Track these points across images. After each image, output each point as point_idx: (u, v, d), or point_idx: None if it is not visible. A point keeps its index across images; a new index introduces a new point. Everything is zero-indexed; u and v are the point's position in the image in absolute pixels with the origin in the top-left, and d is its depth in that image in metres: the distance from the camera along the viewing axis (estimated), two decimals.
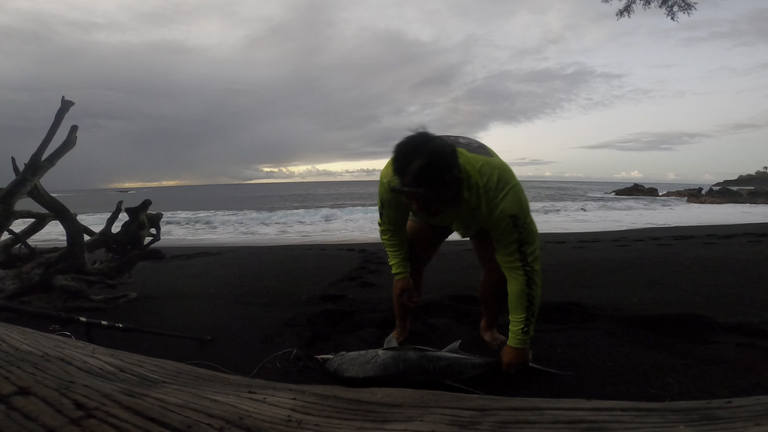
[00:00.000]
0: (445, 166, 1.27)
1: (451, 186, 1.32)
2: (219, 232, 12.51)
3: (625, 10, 6.30)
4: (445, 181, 1.28)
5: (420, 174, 1.24)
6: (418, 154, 1.24)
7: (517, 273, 1.44)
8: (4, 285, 2.36)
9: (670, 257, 4.01)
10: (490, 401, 0.59)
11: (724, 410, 0.49)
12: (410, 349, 1.52)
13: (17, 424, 0.45)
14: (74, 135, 2.76)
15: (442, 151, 1.26)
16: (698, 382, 1.43)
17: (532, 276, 1.43)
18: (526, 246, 1.42)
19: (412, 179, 1.25)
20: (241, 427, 0.48)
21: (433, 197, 1.31)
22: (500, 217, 1.39)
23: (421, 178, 1.25)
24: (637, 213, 16.13)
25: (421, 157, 1.23)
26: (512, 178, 1.43)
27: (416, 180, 1.25)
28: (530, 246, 1.42)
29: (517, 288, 1.44)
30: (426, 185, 1.26)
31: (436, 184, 1.27)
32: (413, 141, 1.27)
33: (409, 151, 1.26)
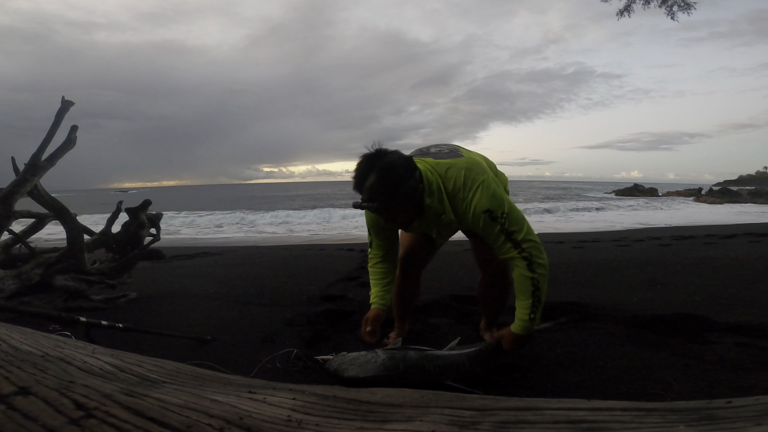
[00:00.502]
0: (399, 179, 1.31)
1: (408, 196, 1.35)
2: (219, 232, 12.51)
3: (625, 10, 6.30)
4: (400, 193, 1.32)
5: (374, 189, 1.30)
6: (371, 170, 1.30)
7: (516, 260, 1.42)
8: (4, 285, 2.36)
9: (670, 257, 4.01)
10: (490, 401, 0.59)
11: (724, 410, 0.49)
12: (410, 349, 1.52)
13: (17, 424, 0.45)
14: (74, 135, 2.76)
15: (394, 165, 1.31)
16: (698, 382, 1.43)
17: (532, 259, 1.39)
18: (515, 233, 1.40)
19: (367, 195, 1.31)
20: (241, 427, 0.48)
21: (393, 209, 1.35)
22: (476, 216, 1.40)
23: (376, 193, 1.30)
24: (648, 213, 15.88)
25: (375, 172, 1.30)
26: (480, 174, 1.43)
27: (371, 195, 1.31)
28: (519, 232, 1.40)
29: (519, 273, 1.42)
30: (381, 198, 1.31)
31: (391, 196, 1.31)
32: (367, 158, 1.33)
33: (363, 168, 1.32)
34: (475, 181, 1.41)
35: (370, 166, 1.31)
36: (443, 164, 1.45)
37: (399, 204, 1.35)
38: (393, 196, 1.31)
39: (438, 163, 1.45)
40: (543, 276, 1.40)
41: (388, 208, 1.34)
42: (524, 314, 1.43)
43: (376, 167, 1.30)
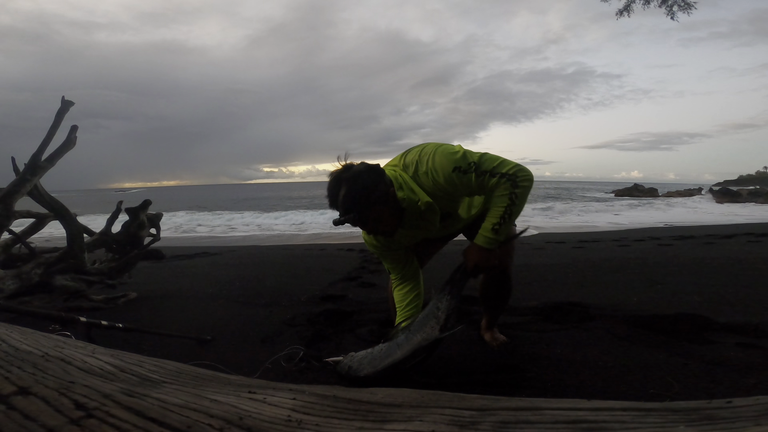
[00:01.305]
0: (368, 185, 1.32)
1: (382, 200, 1.34)
2: (218, 232, 12.52)
3: (624, 10, 6.30)
4: (373, 199, 1.32)
5: (347, 200, 1.31)
6: (340, 186, 1.32)
7: (503, 183, 1.37)
8: (4, 285, 2.36)
9: (670, 257, 4.01)
10: (490, 401, 0.59)
11: (725, 410, 0.49)
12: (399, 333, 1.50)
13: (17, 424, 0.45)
14: (74, 135, 2.76)
15: (360, 173, 1.32)
16: (698, 382, 1.43)
17: (517, 180, 1.36)
18: (496, 168, 1.36)
19: (342, 208, 1.32)
20: (241, 427, 0.48)
21: (370, 218, 1.35)
22: (449, 179, 1.36)
23: (349, 204, 1.31)
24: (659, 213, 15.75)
25: (343, 187, 1.31)
26: (434, 144, 1.43)
27: (346, 207, 1.32)
28: (500, 165, 1.36)
29: (500, 191, 1.37)
30: (356, 208, 1.31)
31: (365, 205, 1.31)
32: (335, 174, 1.35)
33: (333, 185, 1.34)
34: (429, 152, 1.40)
35: (339, 181, 1.33)
36: (399, 157, 1.49)
37: (375, 210, 1.34)
38: (366, 204, 1.31)
39: (395, 159, 1.50)
40: (523, 193, 1.38)
41: (365, 217, 1.34)
42: (489, 224, 1.41)
43: (344, 180, 1.32)
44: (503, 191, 1.37)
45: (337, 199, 1.33)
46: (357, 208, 1.31)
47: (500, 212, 1.39)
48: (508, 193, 1.37)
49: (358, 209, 1.31)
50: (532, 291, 2.75)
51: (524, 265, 3.76)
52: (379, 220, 1.37)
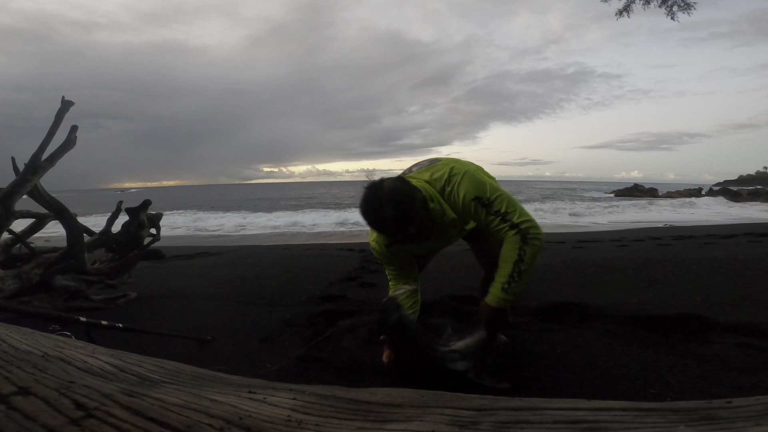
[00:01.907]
0: (409, 201, 1.33)
1: (422, 210, 1.36)
2: (219, 232, 12.51)
3: (624, 10, 6.30)
4: (416, 213, 1.33)
5: (395, 222, 1.31)
6: (381, 207, 1.31)
7: (511, 236, 1.38)
8: (4, 285, 2.36)
9: (670, 257, 4.01)
10: (490, 401, 0.59)
11: (724, 410, 0.49)
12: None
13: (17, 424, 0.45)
14: (74, 135, 2.76)
15: (398, 190, 1.32)
16: (698, 382, 1.43)
17: (527, 235, 1.35)
18: (509, 215, 1.37)
19: (392, 231, 1.34)
20: (241, 427, 0.48)
21: (418, 231, 1.36)
22: (467, 205, 1.41)
23: (399, 224, 1.32)
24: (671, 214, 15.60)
25: (386, 208, 1.30)
26: (463, 166, 1.47)
27: (395, 230, 1.33)
28: (513, 213, 1.37)
29: (509, 245, 1.38)
30: (406, 226, 1.32)
31: (412, 220, 1.32)
32: (370, 199, 1.34)
33: (373, 209, 1.33)
34: (459, 172, 1.43)
35: (379, 201, 1.31)
36: (426, 171, 1.50)
37: (421, 221, 1.36)
38: (413, 218, 1.33)
39: (421, 173, 1.51)
40: (533, 250, 1.35)
41: (412, 233, 1.35)
42: (499, 283, 1.39)
43: (386, 201, 1.30)
44: (512, 244, 1.36)
45: (384, 224, 1.33)
46: (407, 225, 1.32)
47: (509, 270, 1.37)
48: (517, 247, 1.35)
49: (408, 225, 1.32)
50: (532, 291, 2.75)
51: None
52: (421, 229, 1.38)
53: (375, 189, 1.34)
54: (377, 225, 1.35)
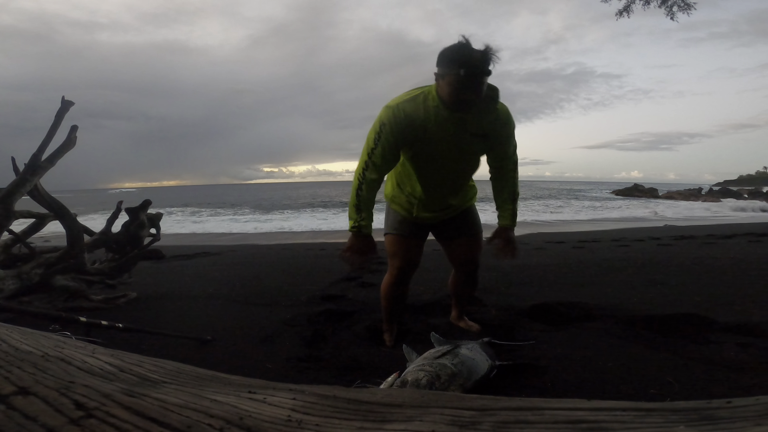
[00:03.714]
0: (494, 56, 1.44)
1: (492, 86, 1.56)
2: (219, 231, 12.52)
3: (624, 10, 6.30)
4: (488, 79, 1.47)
5: (484, 59, 1.41)
6: (473, 47, 1.43)
7: (512, 174, 1.76)
8: (4, 285, 2.36)
9: (670, 257, 4.01)
10: (490, 401, 0.58)
11: (724, 410, 0.49)
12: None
13: (17, 424, 0.45)
14: (74, 135, 2.76)
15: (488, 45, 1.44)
16: (698, 382, 1.43)
17: (516, 174, 1.78)
18: (516, 155, 1.75)
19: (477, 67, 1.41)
20: (241, 427, 0.48)
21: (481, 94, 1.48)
22: (509, 129, 1.66)
23: (485, 64, 1.42)
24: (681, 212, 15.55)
25: (477, 50, 1.43)
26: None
27: (479, 68, 1.41)
28: (517, 156, 1.76)
29: (509, 183, 1.77)
30: (486, 73, 1.43)
31: (488, 75, 1.44)
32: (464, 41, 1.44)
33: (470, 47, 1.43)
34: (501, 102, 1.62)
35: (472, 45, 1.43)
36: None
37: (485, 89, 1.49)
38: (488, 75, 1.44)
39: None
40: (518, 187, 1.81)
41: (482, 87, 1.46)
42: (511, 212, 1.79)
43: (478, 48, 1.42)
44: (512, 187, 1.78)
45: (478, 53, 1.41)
46: (487, 71, 1.43)
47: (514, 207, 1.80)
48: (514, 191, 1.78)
49: (487, 72, 1.43)
50: (532, 291, 2.75)
51: (524, 265, 3.76)
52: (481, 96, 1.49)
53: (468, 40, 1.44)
54: (465, 54, 1.41)
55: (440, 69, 1.48)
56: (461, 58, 1.42)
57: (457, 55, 1.43)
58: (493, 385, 1.48)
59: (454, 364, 1.39)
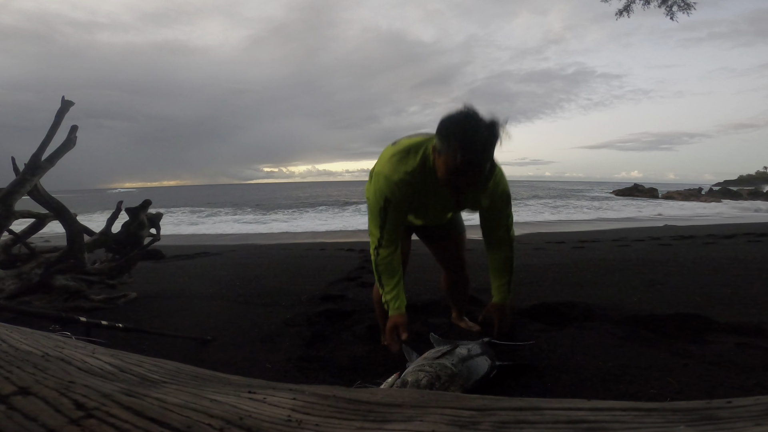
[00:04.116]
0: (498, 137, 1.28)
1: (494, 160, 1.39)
2: (218, 231, 12.52)
3: (624, 10, 6.31)
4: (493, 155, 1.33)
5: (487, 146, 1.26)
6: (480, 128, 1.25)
7: (506, 246, 1.66)
8: (4, 285, 2.36)
9: (670, 257, 4.01)
10: (490, 401, 0.59)
11: (724, 410, 0.49)
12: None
13: (17, 424, 0.45)
14: (74, 135, 2.76)
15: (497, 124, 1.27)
16: (698, 382, 1.43)
17: (513, 246, 1.68)
18: (510, 221, 1.65)
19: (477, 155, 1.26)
20: (241, 427, 0.48)
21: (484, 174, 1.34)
22: (501, 194, 1.57)
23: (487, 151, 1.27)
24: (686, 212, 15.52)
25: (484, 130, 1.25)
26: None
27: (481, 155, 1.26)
28: (512, 222, 1.67)
29: (504, 258, 1.67)
30: (490, 157, 1.29)
31: (492, 156, 1.31)
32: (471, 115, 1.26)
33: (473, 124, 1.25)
34: (498, 166, 1.53)
35: (478, 121, 1.25)
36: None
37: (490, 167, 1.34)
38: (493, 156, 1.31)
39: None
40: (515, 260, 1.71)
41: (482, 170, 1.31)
42: (506, 288, 1.70)
43: (485, 125, 1.26)
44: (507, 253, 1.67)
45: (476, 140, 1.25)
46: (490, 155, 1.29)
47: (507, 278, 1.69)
48: (511, 257, 1.68)
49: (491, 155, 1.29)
50: (532, 291, 2.75)
51: (524, 265, 3.76)
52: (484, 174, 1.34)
53: (475, 111, 1.28)
54: (468, 137, 1.25)
55: (438, 141, 1.32)
56: (461, 138, 1.25)
57: (457, 132, 1.26)
58: (493, 385, 1.48)
59: (454, 364, 1.39)
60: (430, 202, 1.57)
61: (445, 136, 1.29)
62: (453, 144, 1.27)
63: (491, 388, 1.46)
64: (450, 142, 1.28)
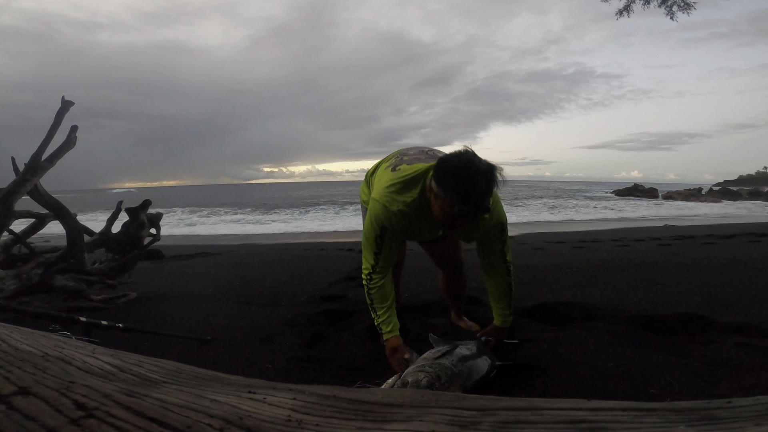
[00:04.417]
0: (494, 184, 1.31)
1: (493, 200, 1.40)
2: (218, 231, 12.52)
3: (624, 10, 6.31)
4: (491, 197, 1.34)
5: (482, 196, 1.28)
6: (477, 177, 1.26)
7: (501, 271, 1.66)
8: (4, 285, 2.36)
9: (670, 257, 4.01)
10: (490, 401, 0.59)
11: (724, 410, 0.49)
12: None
13: (17, 424, 0.45)
14: (74, 135, 2.76)
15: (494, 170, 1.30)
16: (698, 382, 1.43)
17: (510, 271, 1.67)
18: (506, 248, 1.64)
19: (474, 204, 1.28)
20: (241, 427, 0.48)
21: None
22: (495, 225, 1.56)
23: (484, 199, 1.28)
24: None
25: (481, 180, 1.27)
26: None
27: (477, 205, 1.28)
28: (508, 250, 1.65)
29: (501, 283, 1.68)
30: (486, 206, 1.30)
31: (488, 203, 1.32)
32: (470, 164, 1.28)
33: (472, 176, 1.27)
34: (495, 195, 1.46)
35: (476, 170, 1.27)
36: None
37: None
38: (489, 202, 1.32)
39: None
40: (514, 285, 1.72)
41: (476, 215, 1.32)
42: (506, 313, 1.73)
43: (483, 173, 1.27)
44: (505, 279, 1.67)
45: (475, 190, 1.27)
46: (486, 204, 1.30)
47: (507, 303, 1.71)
48: (509, 283, 1.68)
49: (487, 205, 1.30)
50: (532, 291, 2.75)
51: (524, 265, 3.76)
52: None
53: (473, 157, 1.30)
54: (465, 190, 1.27)
55: (435, 185, 1.33)
56: (458, 189, 1.27)
57: (454, 183, 1.27)
58: (493, 385, 1.48)
59: (454, 364, 1.39)
60: (424, 228, 1.59)
61: (443, 183, 1.30)
62: (449, 193, 1.28)
63: (491, 388, 1.46)
64: (447, 191, 1.29)
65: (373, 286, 1.58)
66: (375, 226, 1.54)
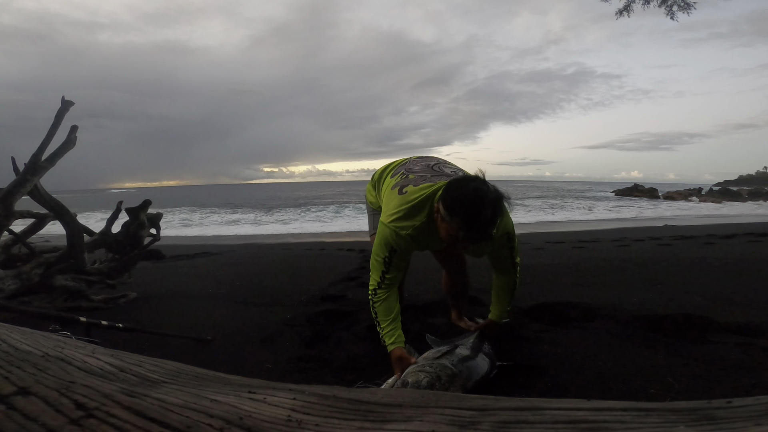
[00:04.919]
0: (501, 212, 1.35)
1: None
2: (218, 231, 12.52)
3: (624, 10, 6.31)
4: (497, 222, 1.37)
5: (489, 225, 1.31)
6: (485, 208, 1.29)
7: (509, 273, 1.69)
8: (4, 285, 2.36)
9: (670, 257, 4.01)
10: (490, 401, 0.59)
11: (724, 410, 0.49)
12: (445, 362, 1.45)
13: (17, 424, 0.45)
14: (74, 135, 2.76)
15: (501, 198, 1.34)
16: (698, 382, 1.43)
17: (518, 270, 1.70)
18: (515, 252, 1.65)
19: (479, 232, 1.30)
20: (241, 427, 0.48)
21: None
22: (500, 235, 1.56)
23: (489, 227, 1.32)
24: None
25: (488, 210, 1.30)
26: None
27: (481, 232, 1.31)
28: (517, 252, 1.66)
29: (507, 283, 1.71)
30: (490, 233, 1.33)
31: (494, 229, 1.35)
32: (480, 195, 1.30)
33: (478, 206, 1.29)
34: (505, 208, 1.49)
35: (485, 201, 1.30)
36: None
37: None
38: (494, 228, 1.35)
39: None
40: (518, 285, 1.74)
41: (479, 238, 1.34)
42: (505, 308, 1.75)
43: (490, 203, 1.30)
44: (510, 277, 1.69)
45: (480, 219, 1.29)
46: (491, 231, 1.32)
47: (509, 299, 1.73)
48: (514, 281, 1.70)
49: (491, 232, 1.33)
50: (532, 291, 2.75)
51: (524, 265, 3.73)
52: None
53: (482, 185, 1.32)
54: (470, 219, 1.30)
55: (442, 208, 1.36)
56: (465, 217, 1.29)
57: (461, 211, 1.30)
58: (493, 385, 1.48)
59: (454, 364, 1.39)
60: (431, 241, 1.61)
61: (450, 209, 1.33)
62: (456, 220, 1.31)
63: (491, 388, 1.46)
64: (453, 217, 1.31)
65: (377, 300, 1.61)
66: (384, 248, 1.57)
